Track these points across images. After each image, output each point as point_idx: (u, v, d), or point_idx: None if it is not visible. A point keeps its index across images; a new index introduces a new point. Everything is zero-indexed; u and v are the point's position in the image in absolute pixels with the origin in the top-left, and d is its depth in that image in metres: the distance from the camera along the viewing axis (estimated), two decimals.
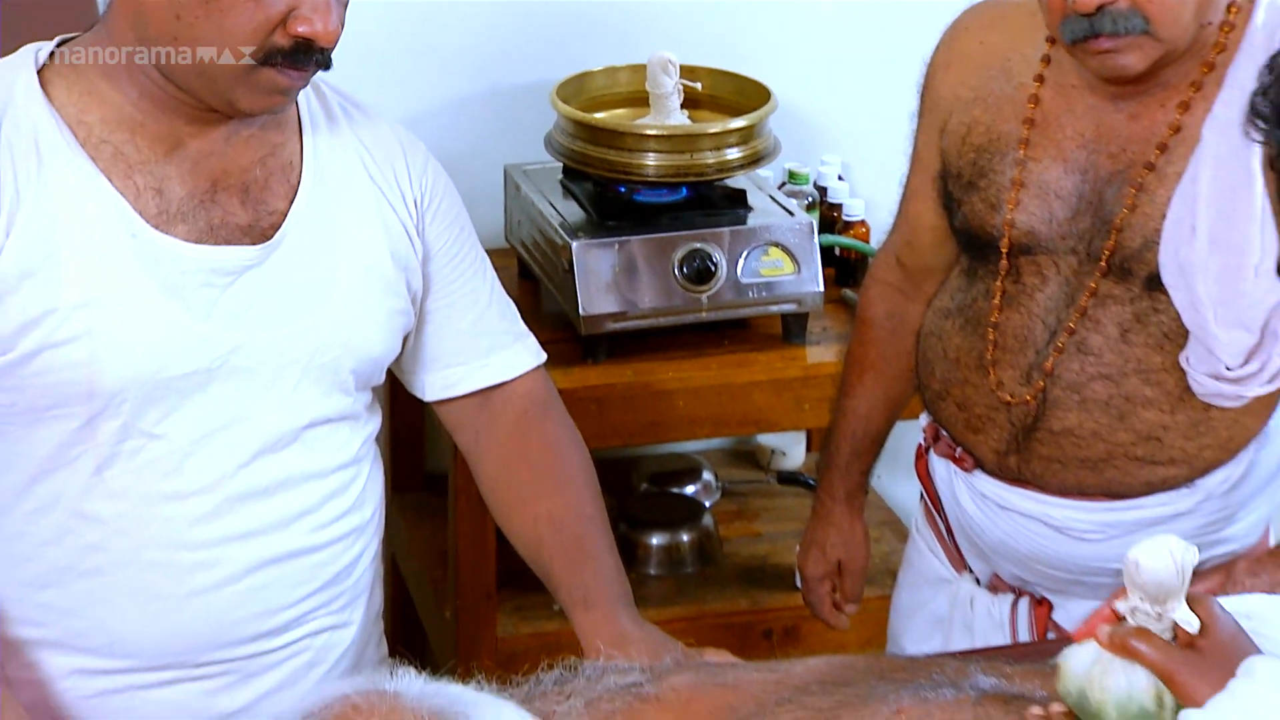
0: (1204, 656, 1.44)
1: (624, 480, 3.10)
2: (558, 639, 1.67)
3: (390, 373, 1.98)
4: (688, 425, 2.76)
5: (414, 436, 3.10)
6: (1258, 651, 1.46)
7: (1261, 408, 1.98)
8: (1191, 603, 1.45)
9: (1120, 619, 1.46)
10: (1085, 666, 1.46)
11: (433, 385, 1.98)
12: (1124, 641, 1.44)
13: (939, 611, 2.26)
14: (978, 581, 2.21)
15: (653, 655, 1.79)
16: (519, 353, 2.00)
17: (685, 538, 2.97)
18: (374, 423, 1.94)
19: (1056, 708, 1.46)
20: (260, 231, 1.80)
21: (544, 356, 2.03)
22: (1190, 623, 1.45)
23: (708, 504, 3.07)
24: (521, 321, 2.04)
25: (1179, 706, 1.43)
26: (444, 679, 1.47)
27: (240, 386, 1.79)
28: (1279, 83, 1.64)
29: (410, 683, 1.44)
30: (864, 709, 1.48)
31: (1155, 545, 1.43)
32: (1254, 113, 1.66)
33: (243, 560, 1.82)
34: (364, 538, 1.94)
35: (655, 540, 2.95)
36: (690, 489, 3.09)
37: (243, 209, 1.80)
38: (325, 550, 1.88)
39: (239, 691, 1.86)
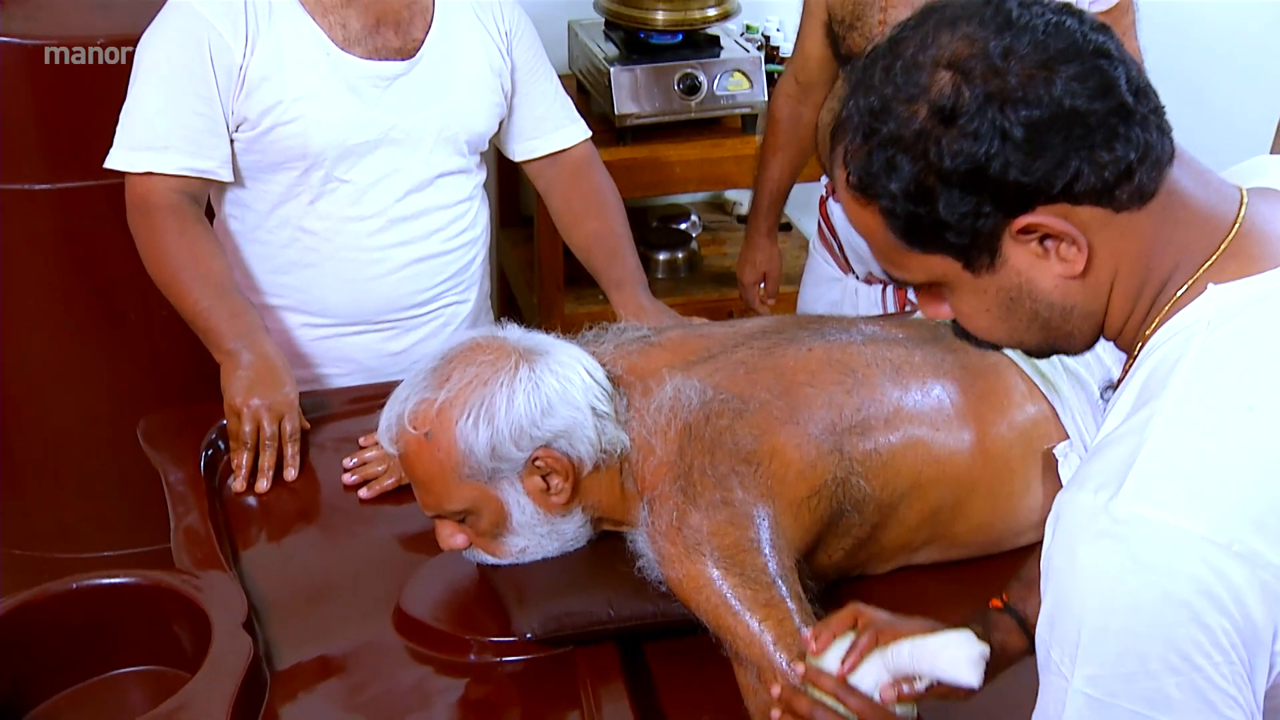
0: None
1: (641, 219, 3.00)
2: (603, 315, 1.61)
3: (496, 151, 1.87)
4: (681, 184, 2.66)
5: (512, 193, 3.00)
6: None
7: None
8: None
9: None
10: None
11: (519, 151, 1.89)
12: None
13: (833, 299, 2.19)
14: (858, 278, 2.13)
15: (658, 320, 1.74)
16: (574, 129, 1.90)
17: (680, 255, 2.88)
18: (481, 175, 1.85)
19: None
20: (407, 51, 1.70)
21: (590, 133, 1.93)
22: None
23: (694, 235, 2.98)
24: (575, 110, 1.93)
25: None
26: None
27: (396, 150, 1.71)
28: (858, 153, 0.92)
29: (512, 330, 1.40)
30: (790, 348, 1.43)
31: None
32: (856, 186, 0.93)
33: (401, 259, 1.76)
34: (476, 247, 1.87)
35: (661, 256, 2.87)
36: (683, 225, 2.99)
37: (395, 37, 1.69)
38: (452, 254, 1.82)
39: (401, 339, 1.82)
